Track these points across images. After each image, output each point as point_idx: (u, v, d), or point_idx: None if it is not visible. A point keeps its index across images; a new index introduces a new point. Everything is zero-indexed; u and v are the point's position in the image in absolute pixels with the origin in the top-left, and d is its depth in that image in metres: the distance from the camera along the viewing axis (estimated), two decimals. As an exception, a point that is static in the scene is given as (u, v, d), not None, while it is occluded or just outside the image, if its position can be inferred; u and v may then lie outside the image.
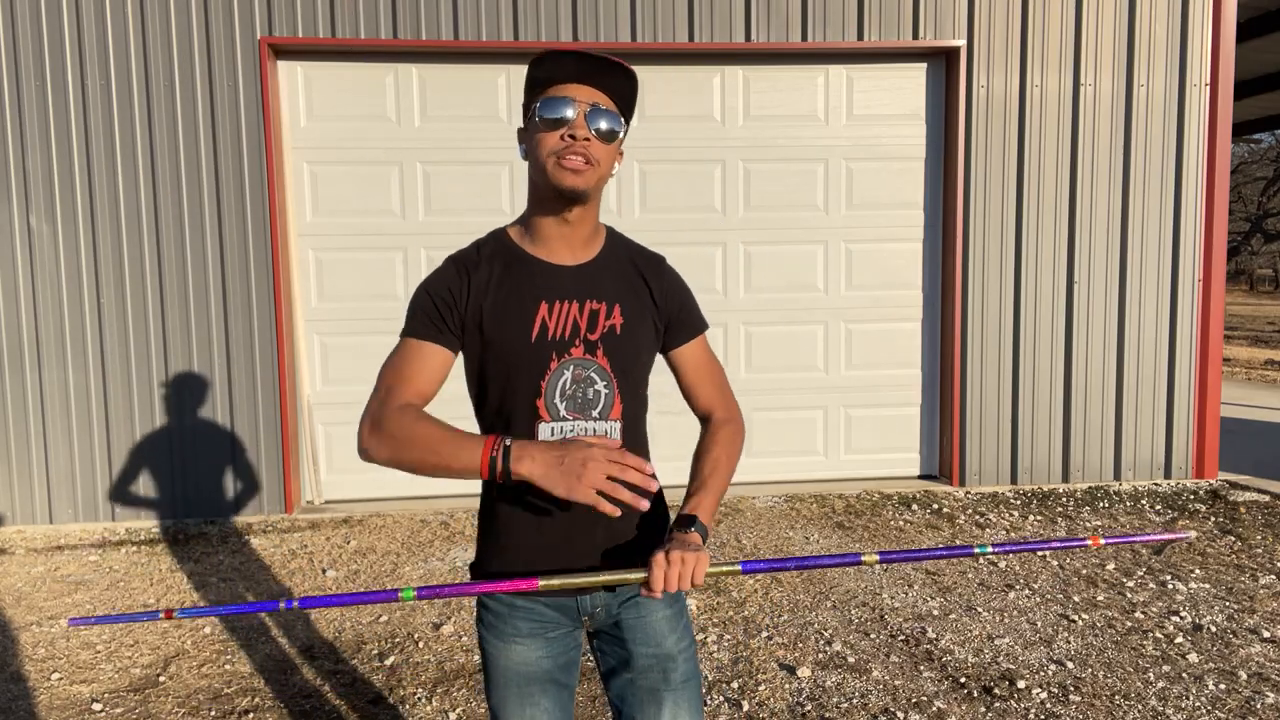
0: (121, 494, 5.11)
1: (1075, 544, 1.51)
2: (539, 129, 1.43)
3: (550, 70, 1.43)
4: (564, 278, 1.51)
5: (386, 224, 5.33)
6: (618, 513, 1.28)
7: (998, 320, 5.52)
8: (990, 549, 1.49)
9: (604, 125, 1.43)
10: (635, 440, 1.55)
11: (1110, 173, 5.49)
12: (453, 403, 1.69)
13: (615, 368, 1.50)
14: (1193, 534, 1.54)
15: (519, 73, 5.29)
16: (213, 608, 1.33)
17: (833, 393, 5.71)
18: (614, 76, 1.44)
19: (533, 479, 1.29)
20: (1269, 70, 8.82)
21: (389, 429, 1.37)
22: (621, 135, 1.47)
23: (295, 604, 1.31)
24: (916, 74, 5.53)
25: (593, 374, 1.48)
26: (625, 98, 1.48)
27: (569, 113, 1.40)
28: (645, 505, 1.30)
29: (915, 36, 5.31)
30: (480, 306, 1.48)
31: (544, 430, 1.47)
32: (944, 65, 5.52)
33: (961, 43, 5.33)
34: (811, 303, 5.62)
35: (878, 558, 1.42)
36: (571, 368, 1.47)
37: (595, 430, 1.48)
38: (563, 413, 1.47)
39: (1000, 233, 5.46)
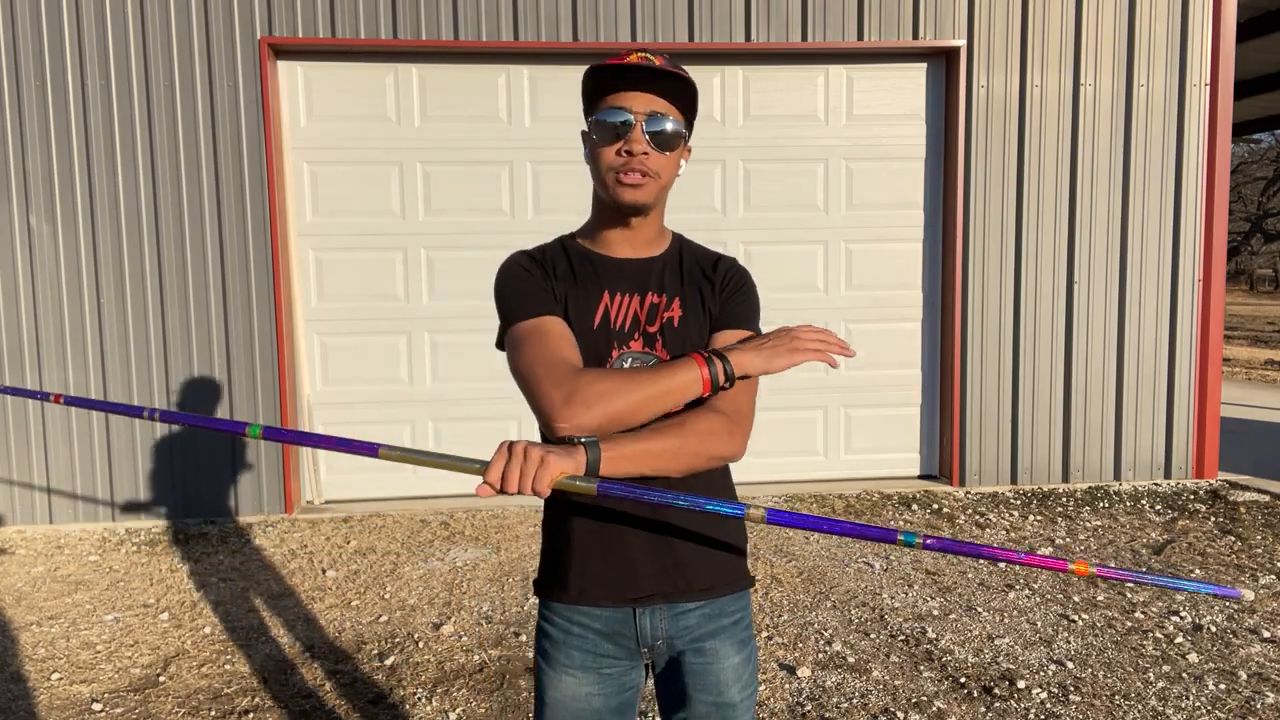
0: (121, 494, 5.11)
1: (1044, 564, 1.21)
2: (597, 143, 1.42)
3: (605, 79, 1.40)
4: (626, 270, 1.49)
5: (386, 224, 5.33)
6: (838, 363, 1.42)
7: (998, 320, 5.52)
8: (919, 540, 1.17)
9: (667, 128, 1.39)
10: None
11: (1110, 173, 5.49)
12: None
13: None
14: (1249, 594, 1.22)
15: (519, 73, 5.30)
16: (95, 401, 1.48)
17: (833, 393, 5.71)
18: (670, 82, 1.40)
19: (755, 371, 1.35)
20: (1269, 70, 8.82)
21: (586, 390, 1.26)
22: (684, 141, 1.44)
23: (157, 414, 1.41)
24: (916, 74, 5.53)
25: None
26: (686, 102, 1.44)
27: (624, 122, 1.38)
28: (852, 352, 1.40)
29: (915, 36, 5.31)
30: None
31: None
32: (944, 65, 5.52)
33: (961, 43, 5.33)
34: (811, 303, 5.61)
35: (764, 514, 1.20)
36: (630, 359, 1.44)
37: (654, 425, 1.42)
38: None
39: (1000, 233, 5.46)
